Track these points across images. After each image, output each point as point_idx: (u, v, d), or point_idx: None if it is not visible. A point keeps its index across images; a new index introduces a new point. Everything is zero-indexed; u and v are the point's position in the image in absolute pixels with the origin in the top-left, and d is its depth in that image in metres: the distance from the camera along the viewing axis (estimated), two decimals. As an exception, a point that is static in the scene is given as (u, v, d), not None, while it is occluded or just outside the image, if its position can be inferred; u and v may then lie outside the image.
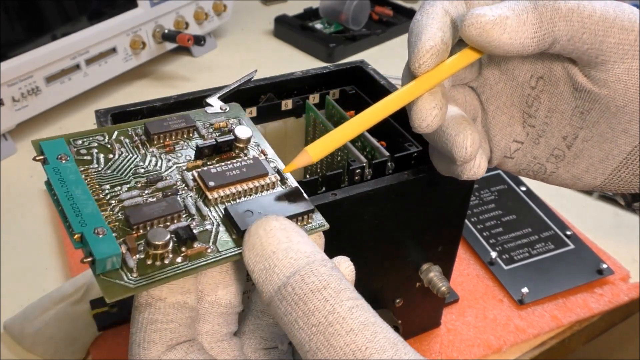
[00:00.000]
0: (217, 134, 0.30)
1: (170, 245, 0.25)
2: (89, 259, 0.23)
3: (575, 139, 0.33)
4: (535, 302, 0.53)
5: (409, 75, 0.30)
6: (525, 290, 0.53)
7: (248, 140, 0.29)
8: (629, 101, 0.30)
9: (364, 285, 0.43)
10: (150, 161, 0.28)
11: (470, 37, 0.28)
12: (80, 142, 0.28)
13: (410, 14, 0.98)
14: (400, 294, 0.45)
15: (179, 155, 0.29)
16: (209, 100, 0.32)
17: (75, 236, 0.24)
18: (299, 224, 0.27)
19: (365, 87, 0.47)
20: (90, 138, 0.28)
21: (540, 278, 0.54)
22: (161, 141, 0.29)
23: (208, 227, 0.26)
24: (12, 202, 0.62)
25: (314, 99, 0.47)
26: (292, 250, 0.23)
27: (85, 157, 0.27)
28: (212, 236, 0.26)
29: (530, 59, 0.32)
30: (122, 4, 0.75)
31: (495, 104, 0.34)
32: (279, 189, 0.28)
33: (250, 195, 0.28)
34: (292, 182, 0.29)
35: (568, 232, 0.59)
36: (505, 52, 0.28)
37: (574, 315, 0.52)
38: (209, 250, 0.25)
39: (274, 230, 0.24)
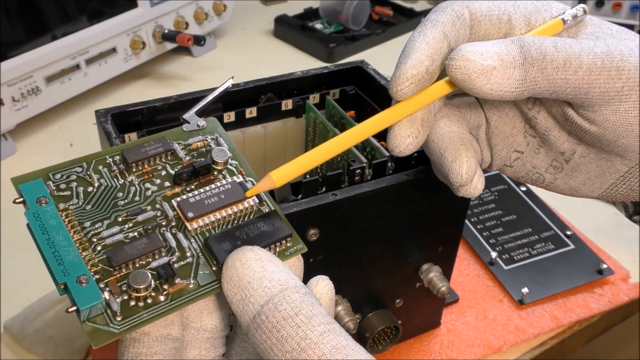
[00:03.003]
0: (195, 154, 0.30)
1: (152, 284, 0.25)
2: (74, 308, 0.24)
3: (573, 154, 0.33)
4: (535, 302, 0.53)
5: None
6: (525, 290, 0.53)
7: (225, 162, 0.29)
8: (619, 137, 0.30)
9: (364, 285, 0.43)
10: (129, 191, 0.28)
11: (454, 79, 0.28)
12: (59, 175, 0.28)
13: (410, 14, 0.98)
14: (400, 294, 0.45)
15: (158, 181, 0.29)
16: (186, 116, 0.31)
17: (60, 285, 0.24)
18: (277, 248, 0.27)
19: (365, 87, 0.47)
20: (69, 170, 0.28)
21: (540, 278, 0.54)
22: (139, 168, 0.29)
23: (189, 259, 0.26)
24: (12, 202, 0.62)
25: (314, 99, 0.47)
26: (266, 279, 0.24)
27: (64, 193, 0.27)
28: (193, 270, 0.26)
29: None
30: (122, 4, 0.75)
31: (497, 115, 0.34)
32: (258, 213, 0.28)
33: (229, 221, 0.28)
34: (270, 205, 0.29)
35: (568, 232, 0.59)
36: (483, 97, 0.28)
37: (574, 315, 0.52)
38: (191, 286, 0.26)
39: (250, 261, 0.25)
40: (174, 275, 0.26)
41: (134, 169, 0.29)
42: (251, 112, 0.45)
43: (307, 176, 0.47)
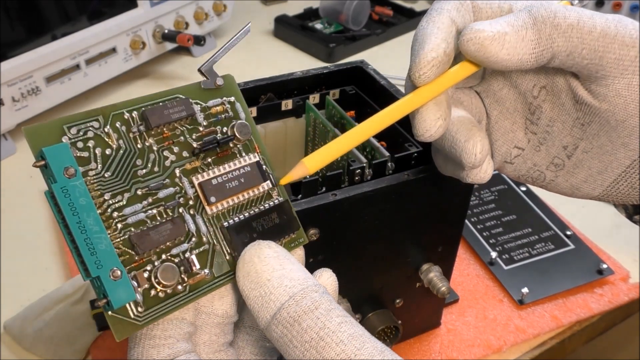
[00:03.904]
0: (214, 121, 0.29)
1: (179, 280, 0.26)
2: (104, 301, 0.24)
3: (576, 149, 0.33)
4: (535, 302, 0.53)
5: (411, 83, 0.30)
6: (525, 290, 0.53)
7: (246, 139, 0.30)
8: (628, 116, 0.30)
9: (364, 285, 0.43)
10: (148, 159, 0.27)
11: (468, 52, 0.28)
12: (75, 130, 0.26)
13: (410, 14, 0.98)
14: (400, 294, 0.45)
15: (176, 149, 0.28)
16: (204, 69, 0.30)
17: (89, 275, 0.24)
18: (284, 240, 0.28)
19: (365, 87, 0.47)
20: (86, 124, 0.26)
21: (540, 278, 0.54)
22: (159, 131, 0.28)
23: (205, 246, 0.27)
24: (12, 202, 0.62)
25: (314, 99, 0.47)
26: (286, 277, 0.25)
27: (82, 154, 0.26)
28: (209, 259, 0.27)
29: (533, 69, 0.32)
30: (122, 4, 0.75)
31: (498, 109, 0.34)
32: (269, 197, 0.29)
33: (244, 205, 0.28)
34: (283, 194, 0.30)
35: (568, 232, 0.59)
36: (504, 67, 0.28)
37: (574, 315, 0.52)
38: (207, 277, 0.26)
39: (268, 258, 0.25)
40: (192, 268, 0.26)
41: (153, 132, 0.28)
42: (251, 112, 0.45)
43: (307, 176, 0.47)
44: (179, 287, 0.26)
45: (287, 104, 0.46)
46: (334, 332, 0.23)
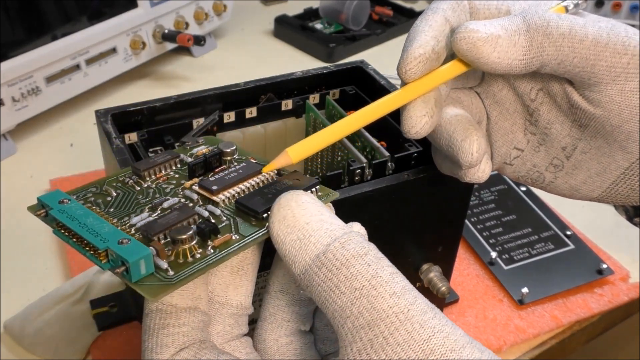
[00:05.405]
0: (201, 157, 0.30)
1: (196, 240, 0.25)
2: (122, 268, 0.23)
3: (574, 150, 0.33)
4: (535, 302, 0.53)
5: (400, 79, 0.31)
6: (525, 290, 0.53)
7: (233, 152, 0.30)
8: (623, 121, 0.30)
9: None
10: (149, 192, 0.28)
11: (460, 51, 0.28)
12: (75, 197, 0.28)
13: (410, 14, 0.98)
14: (400, 294, 0.45)
15: (174, 182, 0.29)
16: (184, 139, 0.33)
17: (102, 255, 0.24)
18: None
19: (365, 87, 0.47)
20: (84, 192, 0.28)
21: (540, 278, 0.54)
22: (152, 176, 0.29)
23: (225, 222, 0.26)
24: (12, 202, 0.62)
25: (314, 99, 0.47)
26: (325, 222, 0.23)
27: (85, 205, 0.27)
28: (233, 227, 0.26)
29: (530, 72, 0.32)
30: (122, 4, 0.75)
31: (498, 110, 0.34)
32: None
33: (254, 189, 0.28)
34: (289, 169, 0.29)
35: (568, 232, 0.59)
36: (493, 69, 0.28)
37: (574, 315, 0.52)
38: (234, 238, 0.25)
39: (306, 203, 0.24)
40: (216, 231, 0.25)
41: (147, 177, 0.29)
42: (251, 112, 0.45)
43: (307, 176, 0.47)
44: (207, 251, 0.25)
45: (287, 104, 0.46)
46: (387, 283, 0.21)
